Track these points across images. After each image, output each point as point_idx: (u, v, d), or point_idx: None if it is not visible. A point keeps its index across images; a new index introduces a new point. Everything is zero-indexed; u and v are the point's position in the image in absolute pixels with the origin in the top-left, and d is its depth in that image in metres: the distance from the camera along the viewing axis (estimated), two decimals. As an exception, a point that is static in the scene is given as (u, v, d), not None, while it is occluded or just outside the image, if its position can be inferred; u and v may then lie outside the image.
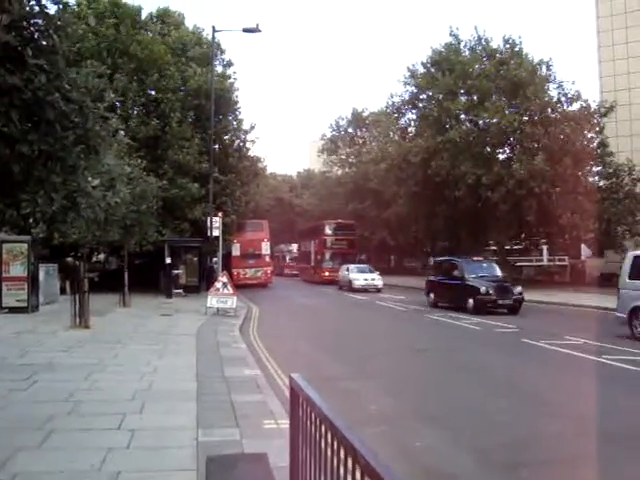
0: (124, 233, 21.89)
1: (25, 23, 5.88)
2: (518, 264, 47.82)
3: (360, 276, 37.97)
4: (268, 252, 44.47)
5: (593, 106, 37.08)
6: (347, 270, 39.20)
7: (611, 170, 39.11)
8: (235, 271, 39.44)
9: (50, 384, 9.27)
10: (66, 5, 6.41)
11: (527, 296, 23.66)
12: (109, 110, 7.94)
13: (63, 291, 25.49)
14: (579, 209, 33.27)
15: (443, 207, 38.81)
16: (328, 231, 47.92)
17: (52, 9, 6.18)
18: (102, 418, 7.31)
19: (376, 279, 37.95)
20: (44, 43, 6.08)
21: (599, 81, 44.42)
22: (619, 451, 6.71)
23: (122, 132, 20.58)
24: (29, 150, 5.97)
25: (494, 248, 44.33)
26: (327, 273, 45.31)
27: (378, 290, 36.74)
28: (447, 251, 51.07)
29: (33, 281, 20.85)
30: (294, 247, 64.98)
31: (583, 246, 43.46)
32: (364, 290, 36.20)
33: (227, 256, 37.10)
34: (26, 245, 20.61)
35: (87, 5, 30.57)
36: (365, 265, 43.08)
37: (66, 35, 6.34)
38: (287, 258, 66.19)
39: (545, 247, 45.97)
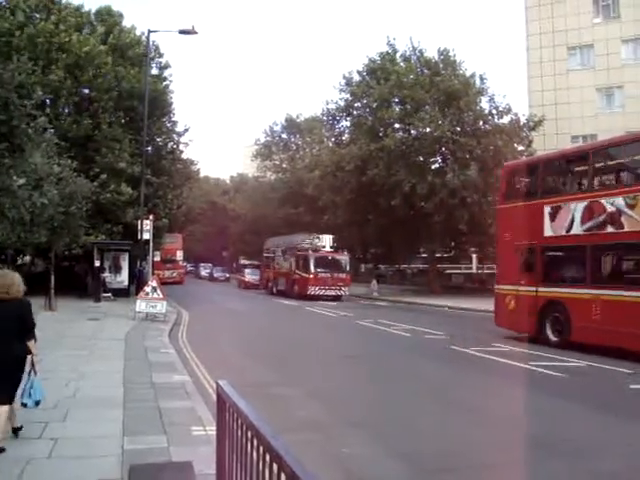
0: (52, 235, 21.27)
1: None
2: (447, 272, 48.89)
3: None
4: (181, 258, 57.83)
5: (522, 120, 38.38)
6: None
7: (538, 182, 40.44)
8: (156, 272, 40.83)
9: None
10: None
11: (456, 303, 24.18)
12: (38, 108, 7.71)
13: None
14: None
15: (376, 214, 39.20)
16: None
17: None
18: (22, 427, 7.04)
19: None
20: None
21: (528, 96, 45.91)
22: (544, 455, 6.89)
23: (51, 131, 20.04)
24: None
25: (425, 255, 45.17)
26: None
27: None
28: (378, 258, 51.90)
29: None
30: (327, 240, 38.15)
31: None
32: None
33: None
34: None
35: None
36: None
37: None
38: (312, 263, 35.35)
39: (475, 255, 47.16)
